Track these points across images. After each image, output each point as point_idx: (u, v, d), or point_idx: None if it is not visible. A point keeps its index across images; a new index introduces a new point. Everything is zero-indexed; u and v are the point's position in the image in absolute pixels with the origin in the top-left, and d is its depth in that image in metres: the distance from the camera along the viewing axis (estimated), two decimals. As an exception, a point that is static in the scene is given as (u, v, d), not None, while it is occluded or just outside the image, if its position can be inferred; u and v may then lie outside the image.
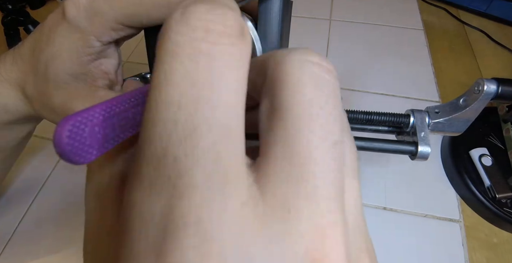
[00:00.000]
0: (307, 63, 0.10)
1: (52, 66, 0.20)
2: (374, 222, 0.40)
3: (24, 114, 0.25)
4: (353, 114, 0.26)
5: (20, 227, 0.39)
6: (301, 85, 0.09)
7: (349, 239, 0.09)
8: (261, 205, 0.08)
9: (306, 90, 0.09)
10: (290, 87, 0.09)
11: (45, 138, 0.47)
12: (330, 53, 0.59)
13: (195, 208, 0.08)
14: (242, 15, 0.19)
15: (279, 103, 0.09)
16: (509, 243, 0.38)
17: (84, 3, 0.18)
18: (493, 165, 0.41)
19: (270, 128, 0.09)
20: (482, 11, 0.66)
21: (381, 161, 0.45)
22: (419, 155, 0.24)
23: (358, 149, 0.25)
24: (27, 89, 0.23)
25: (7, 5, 0.53)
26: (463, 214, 0.40)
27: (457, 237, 0.38)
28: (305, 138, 0.09)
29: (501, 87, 0.24)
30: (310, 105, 0.09)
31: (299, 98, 0.09)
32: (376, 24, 0.65)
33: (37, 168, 0.44)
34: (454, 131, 0.26)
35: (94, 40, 0.19)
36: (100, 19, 0.18)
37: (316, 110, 0.09)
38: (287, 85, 0.09)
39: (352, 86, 0.53)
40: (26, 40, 0.23)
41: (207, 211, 0.08)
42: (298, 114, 0.09)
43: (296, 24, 0.63)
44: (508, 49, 0.60)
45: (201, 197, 0.08)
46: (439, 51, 0.60)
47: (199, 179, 0.08)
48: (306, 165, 0.09)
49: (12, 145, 0.29)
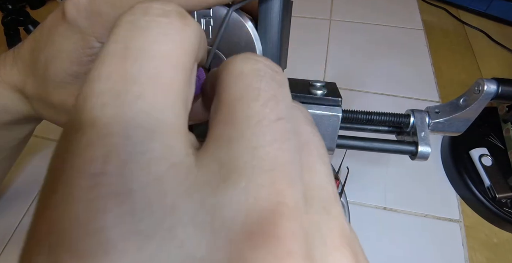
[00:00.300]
0: (250, 60, 0.10)
1: (52, 67, 0.20)
2: (374, 222, 0.40)
3: (24, 115, 0.25)
4: (353, 114, 0.26)
5: (20, 227, 0.39)
6: (243, 75, 0.10)
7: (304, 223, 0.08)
8: (194, 172, 0.08)
9: (248, 78, 0.10)
10: (232, 76, 0.10)
11: (45, 138, 0.47)
12: (330, 53, 0.59)
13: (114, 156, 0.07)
14: (242, 15, 0.19)
15: (222, 91, 0.10)
16: (509, 243, 0.38)
17: (84, 4, 0.18)
18: (493, 165, 0.41)
19: (215, 114, 0.10)
20: (482, 11, 0.66)
21: (381, 161, 0.45)
22: (419, 155, 0.24)
23: (358, 149, 0.25)
24: (27, 90, 0.23)
25: (7, 5, 0.53)
26: (463, 214, 0.40)
27: (457, 237, 0.38)
28: (244, 114, 0.09)
29: (501, 87, 0.24)
30: (252, 89, 0.09)
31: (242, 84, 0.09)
32: (376, 24, 0.65)
33: (37, 168, 0.44)
34: (454, 131, 0.26)
35: (94, 40, 0.19)
36: (101, 20, 0.18)
37: (256, 92, 0.09)
38: (230, 75, 0.10)
39: (352, 86, 0.53)
40: (26, 40, 0.23)
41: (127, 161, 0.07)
42: (239, 96, 0.09)
43: (296, 24, 0.63)
44: (508, 49, 0.60)
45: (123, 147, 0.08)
46: (439, 51, 0.60)
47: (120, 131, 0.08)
48: (245, 138, 0.08)
49: (12, 145, 0.29)
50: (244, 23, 0.19)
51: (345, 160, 0.41)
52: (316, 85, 0.23)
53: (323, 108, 0.23)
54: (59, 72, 0.20)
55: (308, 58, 0.57)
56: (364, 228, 0.39)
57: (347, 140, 0.25)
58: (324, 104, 0.23)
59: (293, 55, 0.31)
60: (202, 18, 0.19)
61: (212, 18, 0.19)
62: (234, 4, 0.19)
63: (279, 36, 0.20)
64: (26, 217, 0.39)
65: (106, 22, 0.18)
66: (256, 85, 0.09)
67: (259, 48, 0.20)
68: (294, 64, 0.34)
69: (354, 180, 0.41)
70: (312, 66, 0.57)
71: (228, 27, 0.19)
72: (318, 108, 0.23)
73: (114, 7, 0.18)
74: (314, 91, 0.22)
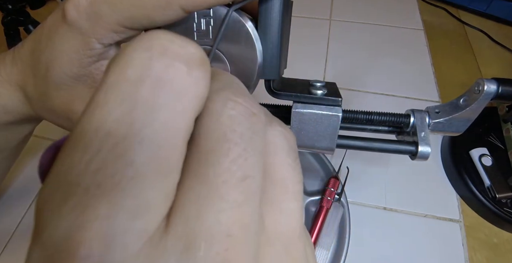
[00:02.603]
0: (229, 102, 0.10)
1: (52, 68, 0.20)
2: (374, 222, 0.40)
3: (24, 115, 0.25)
4: (353, 114, 0.26)
5: (20, 227, 0.39)
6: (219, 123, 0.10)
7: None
8: (164, 239, 0.08)
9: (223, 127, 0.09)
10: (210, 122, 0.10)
11: (45, 138, 0.47)
12: (330, 53, 0.59)
13: (95, 240, 0.08)
14: (242, 15, 0.19)
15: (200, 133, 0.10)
16: (509, 243, 0.38)
17: (84, 5, 0.18)
18: (493, 165, 0.41)
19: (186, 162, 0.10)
20: (482, 11, 0.66)
21: (381, 161, 0.45)
22: (419, 155, 0.24)
23: (358, 149, 0.25)
24: (27, 91, 0.23)
25: (7, 5, 0.53)
26: (463, 214, 0.40)
27: (457, 237, 0.38)
28: (213, 171, 0.09)
29: (501, 87, 0.24)
30: (224, 141, 0.09)
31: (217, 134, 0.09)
32: (376, 24, 0.65)
33: (37, 168, 0.44)
34: (454, 131, 0.26)
35: (95, 42, 0.19)
36: (101, 22, 0.18)
37: (227, 146, 0.09)
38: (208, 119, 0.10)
39: (352, 86, 0.53)
40: (26, 41, 0.22)
41: (108, 244, 0.08)
42: (212, 149, 0.09)
43: (296, 24, 0.63)
44: (508, 49, 0.60)
45: (105, 227, 0.08)
46: (439, 51, 0.60)
47: (103, 211, 0.08)
48: (210, 200, 0.09)
49: (12, 145, 0.29)
50: (244, 23, 0.19)
51: (345, 160, 0.41)
52: (316, 85, 0.23)
53: (323, 108, 0.23)
54: (59, 74, 0.20)
55: (308, 58, 0.58)
56: (364, 228, 0.39)
57: (347, 140, 0.25)
58: (324, 104, 0.23)
59: (293, 55, 0.31)
60: (202, 18, 0.19)
61: (212, 18, 0.19)
62: (234, 4, 0.19)
63: (279, 36, 0.20)
64: (26, 217, 0.39)
65: (106, 23, 0.18)
66: (229, 136, 0.09)
67: (259, 48, 0.20)
68: (294, 64, 0.34)
69: (354, 180, 0.41)
70: (312, 66, 0.57)
71: (228, 27, 0.19)
72: (318, 108, 0.23)
73: (115, 8, 0.18)
74: (314, 91, 0.22)
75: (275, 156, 0.11)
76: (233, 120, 0.10)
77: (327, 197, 0.38)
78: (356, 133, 0.26)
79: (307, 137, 0.23)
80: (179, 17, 0.18)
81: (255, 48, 0.20)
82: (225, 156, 0.09)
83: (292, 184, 0.11)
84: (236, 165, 0.09)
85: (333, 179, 0.39)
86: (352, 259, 0.36)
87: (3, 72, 0.23)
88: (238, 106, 0.10)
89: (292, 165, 0.12)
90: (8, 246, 0.37)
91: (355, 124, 0.27)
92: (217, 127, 0.09)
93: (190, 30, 0.19)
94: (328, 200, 0.38)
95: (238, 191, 0.09)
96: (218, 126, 0.09)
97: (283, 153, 0.12)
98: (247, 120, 0.10)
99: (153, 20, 0.18)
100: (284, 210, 0.11)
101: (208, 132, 0.09)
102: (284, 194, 0.11)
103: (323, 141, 0.23)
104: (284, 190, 0.11)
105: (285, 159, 0.12)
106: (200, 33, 0.19)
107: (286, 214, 0.11)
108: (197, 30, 0.19)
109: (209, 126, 0.10)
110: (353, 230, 0.37)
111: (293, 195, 0.11)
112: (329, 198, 0.38)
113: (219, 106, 0.10)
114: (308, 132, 0.23)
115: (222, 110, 0.10)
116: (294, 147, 0.12)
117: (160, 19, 0.18)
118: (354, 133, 0.26)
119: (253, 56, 0.20)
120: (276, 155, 0.11)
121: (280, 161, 0.11)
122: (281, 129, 0.12)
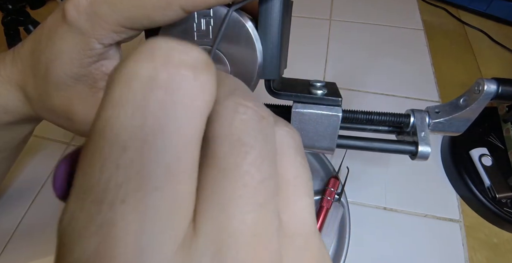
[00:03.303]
0: (240, 106, 0.10)
1: (52, 68, 0.20)
2: (374, 222, 0.40)
3: (24, 115, 0.25)
4: (353, 114, 0.26)
5: (20, 227, 0.39)
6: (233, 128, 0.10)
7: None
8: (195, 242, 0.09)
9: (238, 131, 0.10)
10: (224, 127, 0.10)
11: (45, 138, 0.47)
12: (330, 53, 0.59)
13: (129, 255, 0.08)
14: (242, 15, 0.19)
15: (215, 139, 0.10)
16: (509, 243, 0.38)
17: (84, 6, 0.18)
18: (493, 165, 0.41)
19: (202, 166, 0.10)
20: (482, 11, 0.66)
21: (381, 161, 0.45)
22: (419, 155, 0.24)
23: (358, 149, 0.25)
24: (27, 91, 0.23)
25: (7, 5, 0.53)
26: (463, 214, 0.40)
27: (457, 237, 0.38)
28: (234, 174, 0.09)
29: (501, 87, 0.24)
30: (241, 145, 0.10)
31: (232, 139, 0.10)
32: (376, 24, 0.65)
33: (37, 168, 0.44)
34: (454, 131, 0.26)
35: (95, 42, 0.19)
36: (101, 22, 0.18)
37: (244, 149, 0.09)
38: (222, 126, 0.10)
39: (352, 86, 0.53)
40: (26, 41, 0.22)
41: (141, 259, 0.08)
42: (230, 152, 0.09)
43: (296, 24, 0.63)
44: (508, 49, 0.60)
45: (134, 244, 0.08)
46: (439, 51, 0.60)
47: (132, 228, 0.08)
48: (234, 201, 0.09)
49: (12, 145, 0.29)
50: (244, 23, 0.19)
51: (345, 160, 0.41)
52: (316, 85, 0.23)
53: (323, 108, 0.23)
54: (59, 74, 0.20)
55: (308, 58, 0.58)
56: (364, 228, 0.39)
57: (347, 140, 0.25)
58: (324, 104, 0.23)
59: (293, 55, 0.31)
60: (202, 18, 0.19)
61: (212, 18, 0.19)
62: (234, 4, 0.19)
63: (279, 36, 0.20)
64: (26, 217, 0.39)
65: (107, 23, 0.18)
66: (244, 140, 0.10)
67: (259, 48, 0.20)
68: (294, 64, 0.34)
69: (354, 180, 0.41)
70: (312, 66, 0.57)
71: (228, 27, 0.19)
72: (318, 108, 0.23)
73: (115, 8, 0.18)
74: (314, 91, 0.22)
75: (285, 156, 0.12)
76: (245, 125, 0.10)
77: (327, 197, 0.38)
78: (356, 133, 0.26)
79: (307, 136, 0.23)
80: (179, 17, 0.18)
81: (255, 48, 0.20)
82: (243, 159, 0.09)
83: (304, 181, 0.12)
84: (254, 167, 0.09)
85: (333, 179, 0.39)
86: (352, 259, 0.36)
87: (3, 72, 0.23)
88: (249, 110, 0.10)
89: (302, 163, 0.12)
90: (8, 246, 0.37)
91: (355, 124, 0.27)
92: (231, 132, 0.10)
93: (190, 30, 0.19)
94: (328, 200, 0.38)
95: (259, 193, 0.09)
96: (233, 131, 0.10)
97: (292, 152, 0.12)
98: (258, 123, 0.10)
99: (153, 20, 0.18)
100: (299, 206, 0.11)
101: (222, 137, 0.10)
102: (297, 191, 0.12)
103: (323, 140, 0.23)
104: (297, 187, 0.12)
105: (295, 158, 0.12)
106: (200, 33, 0.19)
107: (301, 210, 0.12)
108: (197, 30, 0.19)
109: (222, 132, 0.10)
110: (353, 230, 0.37)
111: (306, 191, 0.12)
112: (329, 198, 0.38)
113: (230, 111, 0.10)
114: (308, 132, 0.23)
115: (234, 115, 0.10)
116: (301, 145, 0.13)
117: (160, 19, 0.18)
118: (354, 133, 0.26)
119: (253, 56, 0.20)
120: (286, 154, 0.12)
121: (290, 160, 0.12)
122: (288, 129, 0.12)
